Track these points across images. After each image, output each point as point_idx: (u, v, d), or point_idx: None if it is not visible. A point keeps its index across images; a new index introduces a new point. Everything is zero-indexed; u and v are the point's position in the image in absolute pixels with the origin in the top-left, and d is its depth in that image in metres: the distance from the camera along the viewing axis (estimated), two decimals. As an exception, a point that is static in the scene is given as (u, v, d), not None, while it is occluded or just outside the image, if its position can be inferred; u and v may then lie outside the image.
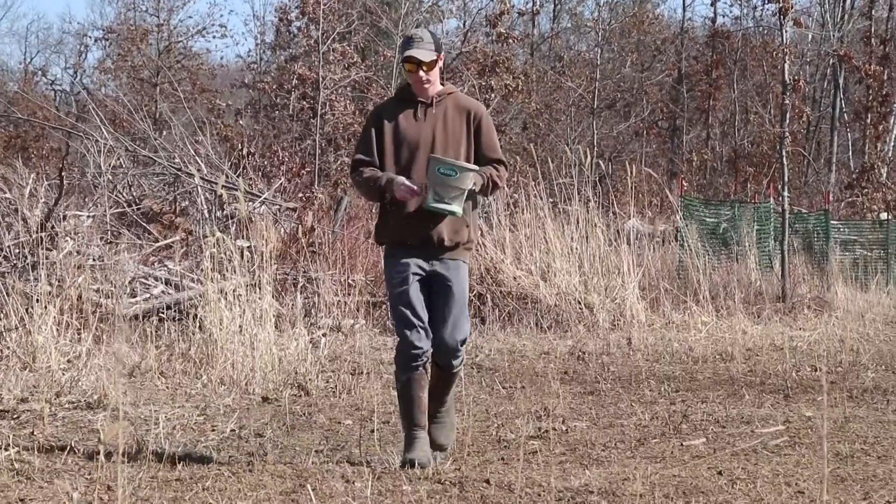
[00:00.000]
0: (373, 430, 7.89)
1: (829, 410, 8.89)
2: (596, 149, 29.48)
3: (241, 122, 27.44)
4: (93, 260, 13.09)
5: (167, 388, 9.70)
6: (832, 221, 22.21)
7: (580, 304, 14.84)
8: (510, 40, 28.09)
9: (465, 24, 34.91)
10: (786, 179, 19.39)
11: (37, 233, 12.64)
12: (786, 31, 20.36)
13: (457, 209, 6.70)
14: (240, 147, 20.57)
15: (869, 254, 22.35)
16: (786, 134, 20.17)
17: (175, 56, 36.30)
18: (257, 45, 40.46)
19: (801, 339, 13.74)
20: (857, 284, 19.52)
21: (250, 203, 15.99)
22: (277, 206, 17.20)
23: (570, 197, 16.36)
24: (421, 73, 6.81)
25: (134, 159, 18.19)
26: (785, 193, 19.15)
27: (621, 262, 15.40)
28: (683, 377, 11.03)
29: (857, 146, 34.11)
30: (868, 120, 31.79)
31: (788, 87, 20.18)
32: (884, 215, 26.05)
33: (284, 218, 16.85)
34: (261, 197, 16.92)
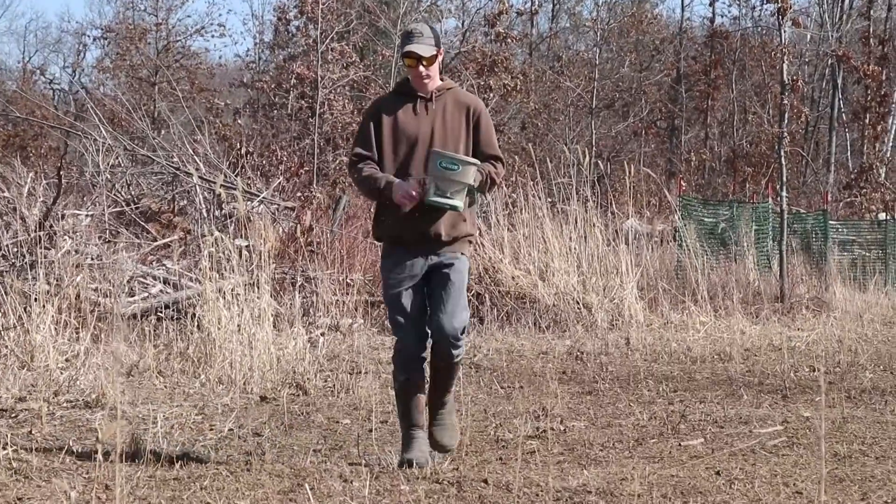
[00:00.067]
0: (371, 430, 7.89)
1: (827, 411, 8.89)
2: (594, 148, 29.49)
3: (240, 121, 27.44)
4: (91, 259, 13.09)
5: (165, 387, 9.70)
6: (830, 222, 22.21)
7: (578, 303, 14.83)
8: (509, 40, 28.14)
9: (463, 24, 34.98)
10: (784, 179, 19.38)
11: (35, 232, 12.64)
12: (784, 31, 20.35)
13: (458, 204, 6.65)
14: (238, 146, 20.58)
15: (867, 254, 22.34)
16: (784, 134, 20.17)
17: (173, 55, 36.32)
18: (256, 44, 40.44)
19: (800, 340, 13.73)
20: (855, 285, 19.52)
21: (249, 202, 15.99)
22: (276, 206, 17.20)
23: (569, 197, 16.36)
24: (421, 68, 6.78)
25: (132, 158, 18.19)
26: (783, 193, 19.15)
27: (620, 262, 15.39)
28: (682, 377, 11.02)
29: (856, 146, 34.13)
30: (866, 120, 31.81)
31: (787, 88, 20.18)
32: (882, 215, 26.05)
33: (283, 217, 16.85)
34: (259, 196, 16.92)
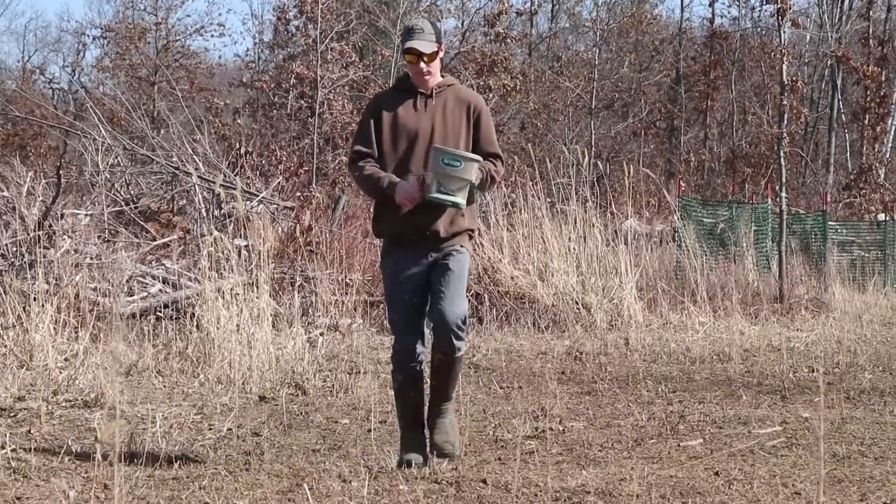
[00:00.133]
0: (370, 430, 7.88)
1: (826, 411, 8.89)
2: (594, 149, 29.55)
3: (239, 121, 27.43)
4: (90, 258, 13.10)
5: (164, 386, 9.70)
6: (830, 222, 22.21)
7: (578, 304, 14.83)
8: (508, 40, 28.13)
9: (463, 24, 34.97)
10: (783, 180, 19.38)
11: (34, 231, 12.65)
12: (784, 31, 20.34)
13: (460, 201, 6.60)
14: (237, 146, 20.58)
15: (866, 255, 22.35)
16: (783, 135, 20.16)
17: (173, 55, 36.30)
18: (255, 43, 40.46)
19: (799, 340, 13.73)
20: (854, 285, 19.53)
21: (248, 202, 15.99)
22: (275, 205, 17.20)
23: (568, 197, 16.36)
24: (422, 64, 6.75)
25: (132, 158, 18.19)
26: (782, 194, 19.15)
27: (619, 262, 15.39)
28: (681, 378, 11.02)
29: (855, 147, 34.12)
30: (866, 121, 31.80)
31: (786, 88, 20.18)
32: (881, 216, 26.05)
33: (282, 217, 16.86)
34: (258, 196, 16.92)
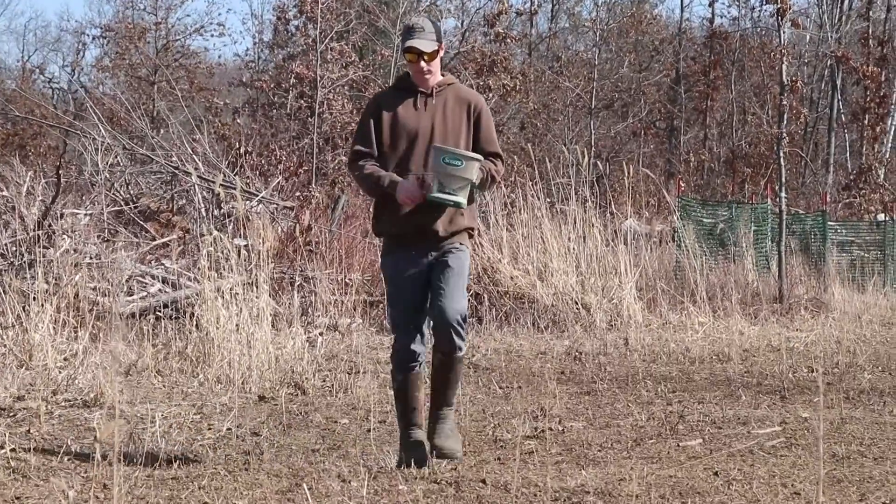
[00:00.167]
0: (369, 430, 7.88)
1: (825, 412, 8.89)
2: (593, 149, 29.56)
3: (239, 120, 27.43)
4: (90, 258, 13.10)
5: (163, 386, 9.69)
6: (829, 222, 22.21)
7: (577, 304, 14.83)
8: (508, 40, 28.13)
9: (462, 24, 34.98)
10: (783, 180, 19.38)
11: (34, 231, 12.64)
12: (783, 32, 20.35)
13: (462, 200, 6.58)
14: (237, 146, 20.57)
15: (866, 255, 22.35)
16: (783, 135, 20.17)
17: (173, 54, 36.30)
18: (255, 43, 40.48)
19: (798, 341, 13.73)
20: (853, 286, 19.52)
21: (247, 202, 15.99)
22: (275, 205, 17.20)
23: (568, 197, 16.36)
24: (422, 63, 6.73)
25: (131, 158, 18.19)
26: (782, 194, 19.15)
27: (618, 262, 15.39)
28: (680, 378, 11.02)
29: (855, 147, 34.13)
30: (865, 121, 31.80)
31: (786, 88, 20.18)
32: (881, 216, 26.05)
33: (281, 217, 16.85)
34: (258, 196, 16.92)
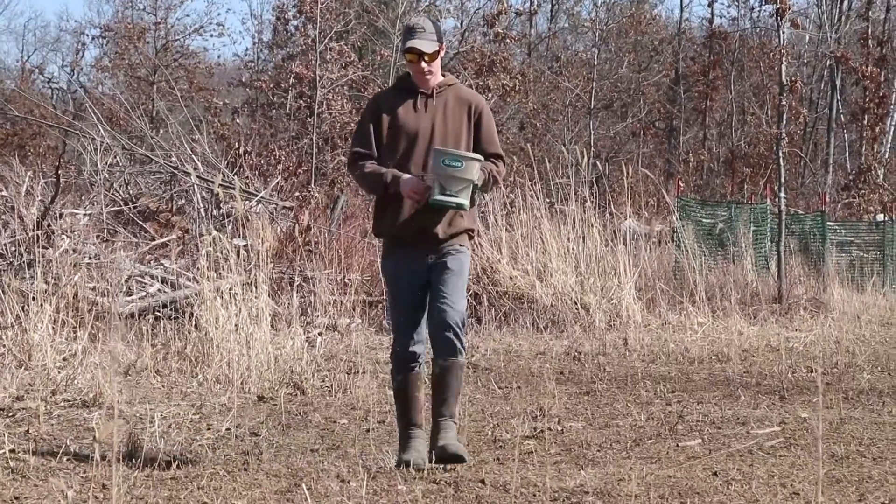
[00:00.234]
0: (368, 430, 7.88)
1: (824, 412, 8.89)
2: (593, 149, 29.53)
3: (238, 120, 27.40)
4: (89, 258, 13.09)
5: (163, 386, 9.69)
6: (828, 223, 22.21)
7: (576, 304, 14.83)
8: (507, 40, 28.12)
9: (462, 24, 34.96)
10: (782, 180, 19.38)
11: (33, 231, 12.64)
12: (783, 32, 20.35)
13: (464, 202, 6.55)
14: (236, 146, 20.56)
15: (865, 255, 22.35)
16: (782, 135, 20.17)
17: (172, 54, 36.28)
18: (254, 43, 40.51)
19: (797, 341, 13.73)
20: (853, 286, 19.52)
21: (247, 202, 15.99)
22: (274, 205, 17.20)
23: (567, 197, 16.36)
24: (423, 63, 6.71)
25: (131, 158, 18.18)
26: (781, 194, 19.15)
27: (618, 262, 15.39)
28: (679, 378, 11.02)
29: (854, 147, 34.11)
30: (865, 121, 31.79)
31: (785, 89, 20.18)
32: (880, 217, 26.05)
33: (281, 217, 16.85)
34: (257, 196, 16.92)
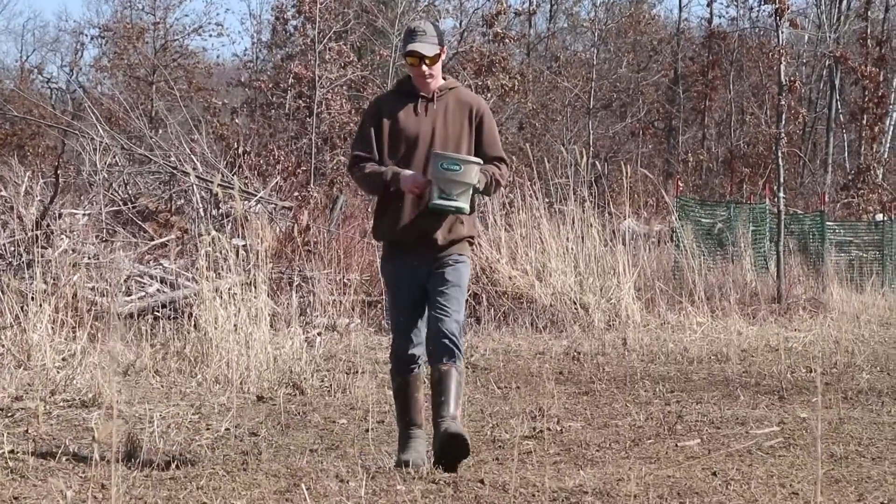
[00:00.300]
0: (367, 430, 7.88)
1: (823, 412, 8.89)
2: (592, 149, 29.55)
3: (237, 120, 27.39)
4: (88, 258, 13.09)
5: (162, 386, 9.69)
6: (828, 223, 22.22)
7: (575, 304, 14.83)
8: (506, 40, 28.12)
9: (461, 24, 34.96)
10: (781, 180, 19.39)
11: (32, 231, 12.64)
12: (782, 32, 20.36)
13: (463, 205, 6.53)
14: (235, 146, 20.54)
15: (864, 255, 22.36)
16: (781, 135, 20.18)
17: (171, 54, 36.27)
18: (254, 43, 40.52)
19: (797, 341, 13.73)
20: (852, 286, 19.53)
21: (246, 202, 15.99)
22: (273, 205, 17.19)
23: (566, 197, 16.37)
24: (423, 67, 6.69)
25: (130, 158, 18.17)
26: (780, 194, 19.16)
27: (617, 262, 15.39)
28: (678, 378, 11.02)
29: (853, 147, 34.12)
30: (864, 121, 31.79)
31: (784, 88, 20.19)
32: (879, 216, 26.05)
33: (280, 217, 16.84)
34: (256, 196, 16.91)
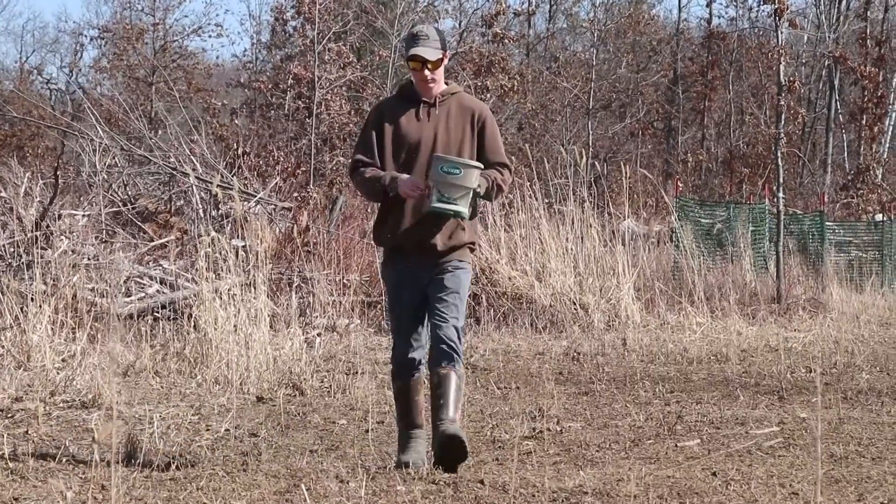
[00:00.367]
0: (367, 430, 7.89)
1: (823, 412, 8.89)
2: (591, 149, 29.54)
3: (237, 121, 27.40)
4: (88, 259, 13.10)
5: (161, 387, 9.70)
6: (827, 223, 22.23)
7: (575, 304, 14.84)
8: (506, 40, 28.12)
9: (460, 24, 34.95)
10: (781, 180, 19.39)
11: (32, 232, 12.64)
12: (781, 32, 20.36)
13: (462, 209, 6.54)
14: (235, 146, 20.55)
15: (864, 255, 22.36)
16: (781, 135, 20.18)
17: (171, 55, 36.27)
18: (253, 44, 40.54)
19: (796, 341, 13.74)
20: (851, 286, 19.53)
21: (245, 202, 15.99)
22: (272, 206, 17.19)
23: (566, 197, 16.37)
24: (426, 72, 6.69)
25: (129, 158, 18.17)
26: (780, 194, 19.16)
27: (616, 262, 15.40)
28: (678, 378, 11.03)
29: (853, 147, 34.12)
30: (863, 121, 31.79)
31: (784, 89, 20.18)
32: (879, 216, 26.05)
33: (279, 217, 16.84)
34: (256, 196, 16.91)
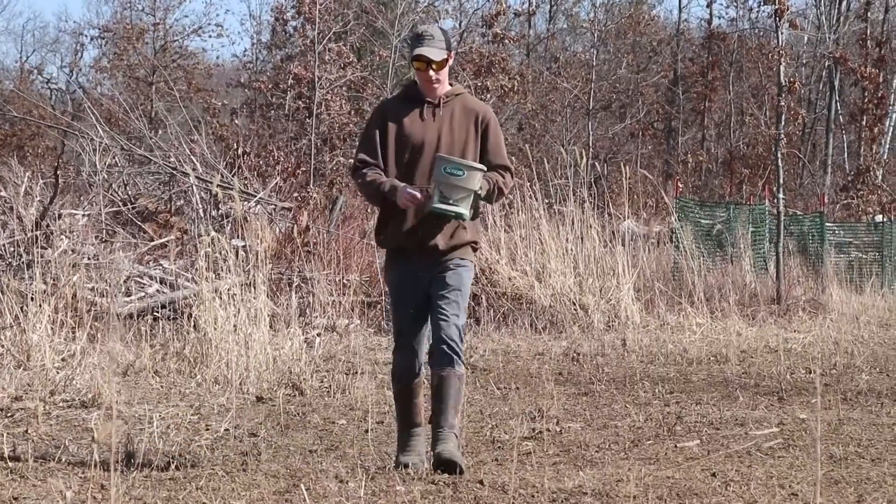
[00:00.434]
0: (367, 430, 7.89)
1: (823, 413, 8.89)
2: (591, 150, 29.54)
3: (237, 121, 27.40)
4: (88, 259, 13.10)
5: (161, 387, 9.70)
6: (827, 224, 22.23)
7: (575, 305, 14.83)
8: (506, 41, 28.13)
9: (461, 25, 34.92)
10: (781, 181, 19.39)
11: (32, 231, 12.64)
12: (781, 33, 20.36)
13: (463, 211, 6.54)
14: (235, 146, 20.54)
15: (864, 256, 22.35)
16: (781, 136, 20.18)
17: (171, 55, 36.26)
18: (253, 44, 40.53)
19: (796, 342, 13.74)
20: (851, 287, 19.53)
21: (245, 202, 15.99)
22: (272, 206, 17.19)
23: (566, 198, 16.37)
24: (430, 72, 6.67)
25: (129, 158, 18.17)
26: (780, 195, 19.16)
27: (616, 263, 15.40)
28: (678, 379, 11.03)
29: (853, 148, 34.11)
30: (863, 122, 31.79)
31: (784, 89, 20.18)
32: (879, 217, 26.05)
33: (279, 217, 16.84)
34: (256, 196, 16.91)
